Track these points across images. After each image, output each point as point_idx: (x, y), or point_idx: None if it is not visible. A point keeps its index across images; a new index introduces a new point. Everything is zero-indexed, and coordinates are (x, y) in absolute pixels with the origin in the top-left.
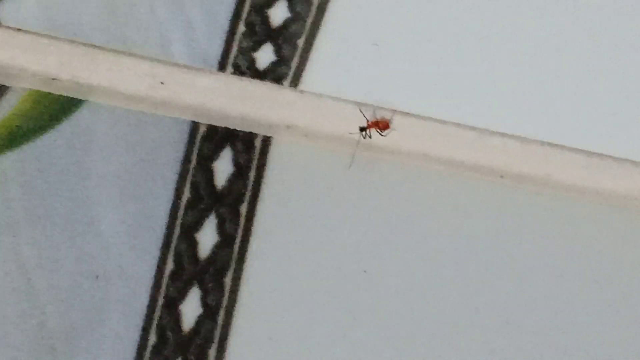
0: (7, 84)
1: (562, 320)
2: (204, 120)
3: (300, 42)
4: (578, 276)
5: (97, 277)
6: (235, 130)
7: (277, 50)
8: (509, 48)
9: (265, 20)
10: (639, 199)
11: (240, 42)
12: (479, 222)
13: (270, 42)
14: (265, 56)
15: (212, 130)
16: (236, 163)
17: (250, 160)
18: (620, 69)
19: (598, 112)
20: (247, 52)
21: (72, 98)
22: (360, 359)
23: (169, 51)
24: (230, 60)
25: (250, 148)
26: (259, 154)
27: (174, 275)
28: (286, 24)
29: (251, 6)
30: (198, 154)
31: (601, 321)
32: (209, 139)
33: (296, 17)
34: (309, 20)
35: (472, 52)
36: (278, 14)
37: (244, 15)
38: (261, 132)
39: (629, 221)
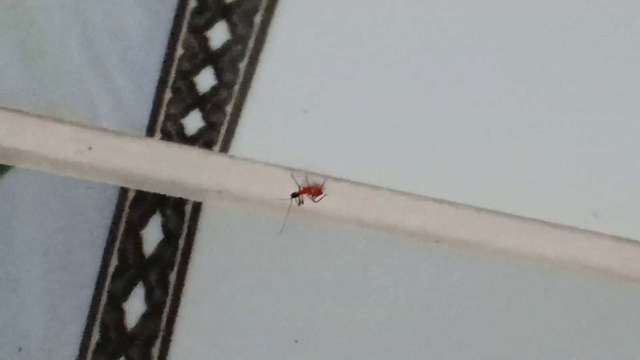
0: None
1: None
2: (132, 186)
3: (229, 108)
4: (512, 341)
5: (20, 349)
6: (165, 195)
7: (206, 116)
8: (440, 113)
9: (192, 86)
10: (571, 263)
11: (168, 108)
12: (414, 288)
13: (199, 108)
14: (193, 122)
15: (141, 195)
16: (166, 229)
17: (180, 227)
18: (553, 135)
19: (530, 178)
20: (175, 118)
21: None
22: None
23: (96, 116)
24: (159, 125)
25: (180, 214)
26: (190, 219)
27: (99, 346)
28: (214, 91)
29: (177, 72)
30: (126, 221)
31: None
32: (137, 205)
33: (224, 84)
34: (237, 87)
35: (403, 118)
36: (205, 81)
37: (170, 81)
38: (192, 197)
39: (562, 285)
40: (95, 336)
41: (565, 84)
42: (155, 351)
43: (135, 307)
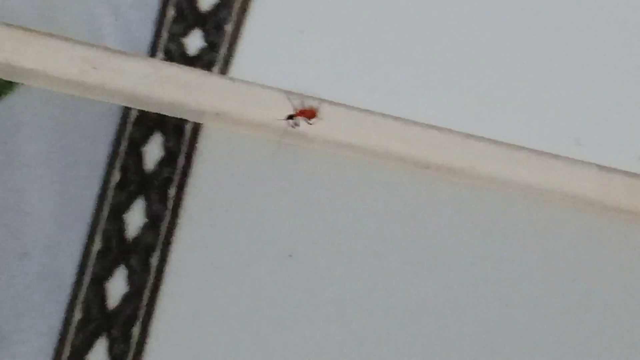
0: None
1: (473, 311)
2: (135, 106)
3: (229, 29)
4: (496, 267)
5: (25, 254)
6: (165, 116)
7: (206, 36)
8: (434, 40)
9: (193, 4)
10: (553, 190)
11: (171, 27)
12: (401, 210)
13: (199, 27)
14: (195, 42)
15: (143, 115)
16: (166, 148)
17: (179, 146)
18: (539, 65)
19: (517, 107)
20: (177, 38)
21: (5, 80)
22: (284, 339)
23: (100, 35)
24: (161, 45)
25: (180, 134)
26: (189, 140)
27: (101, 254)
28: (215, 9)
29: None
30: (128, 138)
31: (513, 317)
32: (139, 124)
33: (224, 2)
34: (236, 5)
35: (398, 42)
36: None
37: (171, 1)
38: (191, 118)
39: (546, 213)
40: (97, 244)
41: (549, 18)
42: (155, 260)
43: (136, 219)
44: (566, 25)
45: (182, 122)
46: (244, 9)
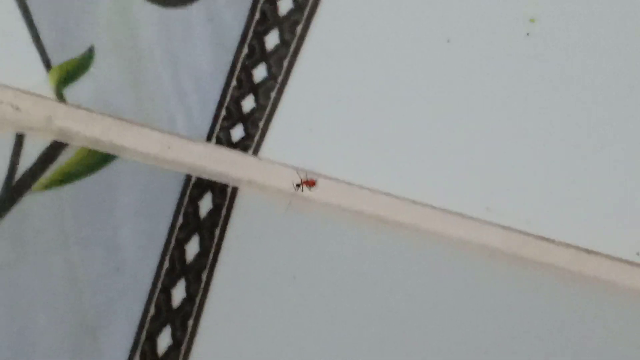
0: (67, 142)
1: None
2: (195, 174)
3: (261, 124)
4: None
5: (117, 269)
6: (215, 181)
7: (246, 129)
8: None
9: (239, 107)
10: (469, 244)
11: (222, 122)
12: (365, 263)
13: (242, 123)
14: (237, 133)
15: (200, 180)
16: (214, 203)
17: (223, 202)
18: (459, 146)
19: (445, 181)
20: (226, 130)
21: (109, 154)
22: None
23: (175, 125)
24: (215, 134)
25: (224, 193)
26: (229, 198)
27: (168, 271)
28: (252, 111)
29: (231, 97)
30: (189, 195)
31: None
32: (197, 187)
33: (259, 107)
34: (268, 110)
35: (383, 138)
36: (248, 104)
37: (225, 103)
38: (231, 184)
39: (461, 262)
40: (166, 264)
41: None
42: (204, 278)
43: (192, 248)
44: (486, 107)
45: (225, 186)
46: (272, 112)
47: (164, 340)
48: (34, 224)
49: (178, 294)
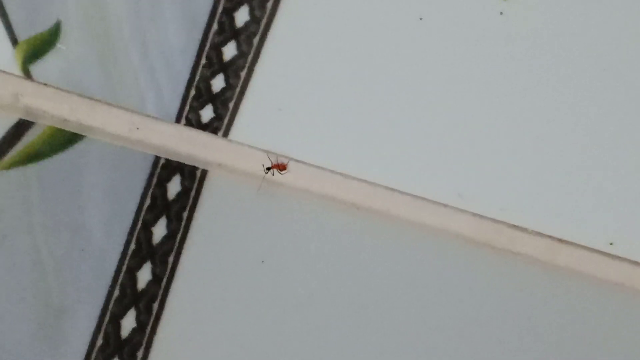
0: (34, 121)
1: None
2: (163, 155)
3: (231, 105)
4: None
5: (82, 250)
6: (184, 164)
7: (216, 110)
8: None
9: (209, 87)
10: (442, 231)
11: (192, 102)
12: (335, 249)
13: (211, 103)
14: (207, 113)
15: (168, 162)
16: (183, 185)
17: (192, 184)
18: (436, 135)
19: (419, 169)
20: (196, 110)
21: (76, 134)
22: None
23: (144, 105)
24: (184, 115)
25: (193, 176)
26: (198, 180)
27: (134, 252)
28: (222, 91)
29: (200, 76)
30: (157, 177)
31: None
32: (165, 168)
33: (229, 86)
34: (237, 89)
35: (349, 123)
36: (217, 83)
37: (195, 82)
38: (201, 166)
39: (433, 248)
40: (132, 246)
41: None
42: (170, 260)
43: (159, 230)
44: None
45: (194, 168)
46: (242, 92)
47: (128, 323)
48: None
49: (144, 276)
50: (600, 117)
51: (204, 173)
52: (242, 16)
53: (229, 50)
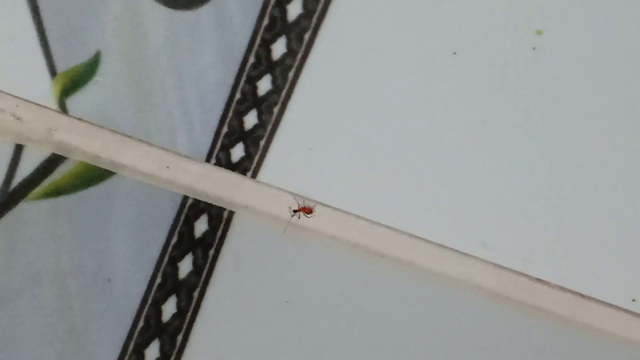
0: (66, 156)
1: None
2: (191, 195)
3: (262, 143)
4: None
5: (108, 280)
6: (211, 204)
7: (246, 148)
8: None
9: (240, 125)
10: (463, 281)
11: (223, 139)
12: (358, 295)
13: (243, 141)
14: (237, 152)
15: (196, 201)
16: (210, 225)
17: (219, 224)
18: (459, 184)
19: (441, 218)
20: (227, 148)
21: (107, 170)
22: None
23: (175, 143)
24: (214, 154)
25: (220, 217)
26: (225, 220)
27: (160, 286)
28: (254, 129)
29: (233, 112)
30: (185, 215)
31: None
32: (193, 208)
33: (261, 123)
34: (269, 127)
35: (377, 169)
36: (249, 120)
37: (227, 120)
38: (228, 208)
39: (455, 299)
40: (158, 280)
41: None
42: (195, 295)
43: (185, 266)
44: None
45: (221, 209)
46: (274, 129)
47: (152, 354)
48: (27, 231)
49: (168, 309)
50: (634, 168)
51: (231, 214)
52: (279, 48)
53: (264, 85)
